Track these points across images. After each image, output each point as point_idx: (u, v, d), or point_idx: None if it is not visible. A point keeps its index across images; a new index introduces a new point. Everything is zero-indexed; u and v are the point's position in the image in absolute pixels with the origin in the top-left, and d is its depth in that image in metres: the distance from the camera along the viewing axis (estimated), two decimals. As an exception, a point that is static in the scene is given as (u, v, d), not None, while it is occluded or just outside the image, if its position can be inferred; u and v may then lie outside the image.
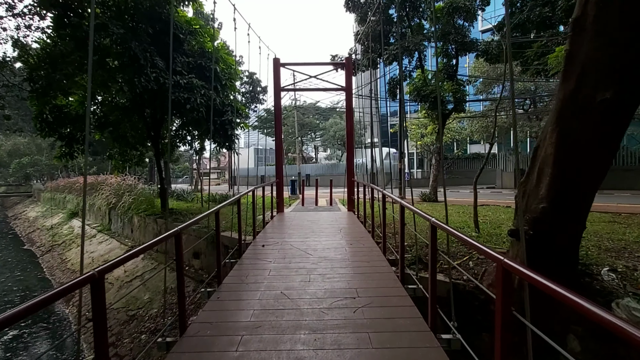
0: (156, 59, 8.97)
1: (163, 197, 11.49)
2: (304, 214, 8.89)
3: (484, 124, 20.44)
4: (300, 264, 4.48)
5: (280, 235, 6.32)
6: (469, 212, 9.19)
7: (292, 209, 10.58)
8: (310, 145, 53.08)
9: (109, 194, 14.91)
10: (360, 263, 4.50)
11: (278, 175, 9.34)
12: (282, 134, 9.63)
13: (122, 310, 8.29)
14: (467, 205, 11.15)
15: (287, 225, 7.43)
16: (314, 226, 7.06)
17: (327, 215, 8.56)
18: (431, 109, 13.18)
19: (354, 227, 7.00)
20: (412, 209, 3.72)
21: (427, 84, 13.12)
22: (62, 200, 24.75)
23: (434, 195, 12.92)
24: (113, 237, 14.10)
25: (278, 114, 9.42)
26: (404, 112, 11.54)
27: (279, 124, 9.44)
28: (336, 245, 5.49)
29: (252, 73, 25.83)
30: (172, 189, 18.09)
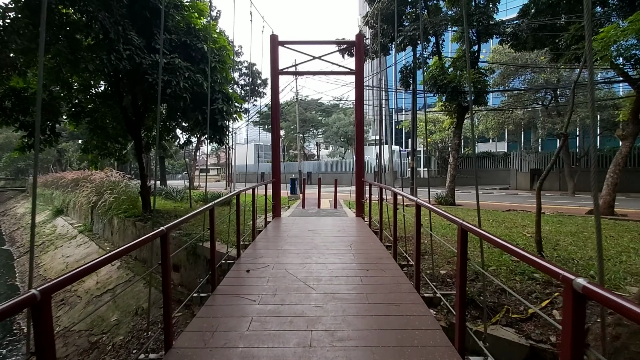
0: (131, 33, 7.53)
1: (144, 197, 10.08)
2: (304, 221, 7.47)
3: (500, 119, 18.92)
4: (297, 308, 3.05)
5: (273, 252, 4.90)
6: (502, 220, 7.74)
7: (290, 213, 9.16)
8: (312, 142, 51.64)
9: (90, 192, 13.51)
10: (385, 307, 3.07)
11: (275, 173, 7.93)
12: (279, 125, 8.20)
13: (85, 334, 6.91)
14: (492, 210, 9.71)
15: (284, 236, 6.00)
16: (317, 239, 5.63)
17: (332, 223, 7.13)
18: (449, 101, 11.71)
19: (367, 241, 5.56)
20: (475, 231, 2.28)
21: (445, 73, 11.65)
22: (50, 196, 23.44)
23: (451, 197, 11.46)
24: (94, 240, 12.72)
25: (275, 101, 7.99)
26: (420, 104, 10.10)
27: (276, 113, 8.01)
28: (347, 271, 4.06)
29: (251, 64, 24.36)
30: (163, 187, 16.69)
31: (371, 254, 4.77)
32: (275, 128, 8.02)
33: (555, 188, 20.81)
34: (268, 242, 5.64)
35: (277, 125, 8.06)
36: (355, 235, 5.99)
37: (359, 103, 7.75)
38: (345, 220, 7.50)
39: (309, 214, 9.02)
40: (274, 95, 7.99)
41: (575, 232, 6.25)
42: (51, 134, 9.08)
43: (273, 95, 8.03)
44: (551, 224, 7.05)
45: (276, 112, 8.02)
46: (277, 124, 8.05)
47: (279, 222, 7.37)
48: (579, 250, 4.67)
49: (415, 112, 12.90)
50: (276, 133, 7.99)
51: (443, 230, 6.50)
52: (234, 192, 5.36)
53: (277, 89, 7.98)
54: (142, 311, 6.89)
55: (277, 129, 8.03)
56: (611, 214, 8.77)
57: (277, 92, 7.98)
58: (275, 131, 7.98)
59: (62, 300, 8.87)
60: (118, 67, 7.22)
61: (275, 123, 8.01)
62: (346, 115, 37.47)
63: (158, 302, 7.13)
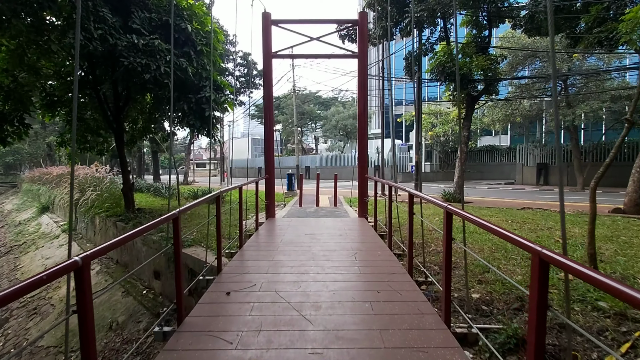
0: (103, 10, 6.60)
1: (127, 195, 9.22)
2: (301, 222, 6.64)
3: (507, 111, 18.05)
4: (287, 355, 2.24)
5: (262, 265, 4.09)
6: (522, 220, 6.94)
7: (286, 212, 8.34)
8: (311, 135, 50.69)
9: (74, 188, 12.60)
10: (408, 354, 2.25)
11: (268, 169, 7.09)
12: (273, 116, 7.34)
13: (52, 352, 6.10)
14: (506, 209, 8.92)
15: (276, 243, 5.17)
16: (315, 246, 4.82)
17: (333, 225, 6.31)
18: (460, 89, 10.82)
19: (373, 249, 4.74)
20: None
21: (453, 59, 10.75)
22: (37, 192, 22.52)
23: (459, 193, 10.66)
24: (76, 240, 11.88)
25: (268, 88, 7.11)
26: (424, 94, 9.24)
27: (269, 101, 7.14)
28: (353, 293, 3.23)
29: (246, 54, 23.32)
30: (152, 183, 15.82)
31: (381, 268, 3.96)
32: (268, 118, 7.16)
33: (562, 183, 20.04)
34: (258, 250, 4.82)
35: (270, 116, 7.20)
36: (359, 242, 5.18)
37: (362, 90, 6.89)
38: (346, 222, 6.68)
39: (306, 213, 8.20)
40: (267, 81, 7.12)
41: (610, 236, 5.46)
42: (20, 125, 8.18)
43: (266, 81, 7.15)
44: (579, 225, 6.26)
45: (269, 100, 7.15)
46: (270, 114, 7.19)
47: (273, 224, 6.55)
48: (634, 264, 3.87)
49: (421, 102, 12.04)
50: (269, 124, 7.14)
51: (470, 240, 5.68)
52: (215, 192, 4.52)
53: (270, 74, 7.11)
54: (116, 326, 6.09)
55: (271, 119, 7.18)
56: (638, 212, 8.00)
57: (270, 77, 7.11)
58: (269, 122, 7.13)
59: (35, 309, 8.07)
60: (88, 49, 6.31)
61: (268, 113, 7.15)
62: (345, 108, 36.51)
63: (135, 315, 6.33)
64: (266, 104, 7.16)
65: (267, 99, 7.16)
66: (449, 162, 27.89)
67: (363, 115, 6.91)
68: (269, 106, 7.18)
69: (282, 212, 8.25)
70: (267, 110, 7.15)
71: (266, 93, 7.16)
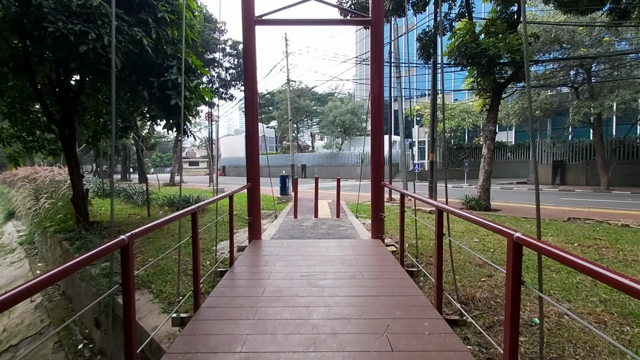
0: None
1: (78, 205, 7.37)
2: (295, 249, 4.83)
3: (524, 104, 16.35)
4: None
5: (230, 344, 2.30)
6: (594, 243, 5.20)
7: (277, 229, 6.54)
8: (307, 132, 48.83)
9: (28, 194, 10.73)
10: None
11: (251, 174, 5.28)
12: (257, 104, 5.51)
13: None
14: (551, 221, 7.21)
15: (257, 292, 3.32)
16: (317, 300, 3.02)
17: (340, 255, 4.50)
18: (483, 76, 9.09)
19: (409, 307, 2.94)
20: None
21: (476, 39, 9.00)
22: (6, 196, 20.48)
23: (486, 199, 8.93)
24: (29, 256, 10.00)
25: (250, 66, 5.28)
26: (439, 79, 7.50)
27: (251, 85, 5.31)
28: None
29: (236, 42, 21.32)
30: (124, 187, 13.91)
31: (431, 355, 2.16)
32: (251, 108, 5.33)
33: (581, 182, 18.47)
34: (226, 311, 2.99)
35: (253, 104, 5.37)
36: (384, 290, 3.37)
37: (377, 68, 5.10)
38: (358, 247, 4.89)
39: (302, 230, 6.41)
40: (249, 57, 5.30)
41: None
42: None
43: (247, 56, 5.32)
44: None
45: (252, 82, 5.33)
46: (254, 102, 5.37)
47: (257, 251, 4.75)
48: None
49: (436, 90, 10.30)
50: (252, 115, 5.32)
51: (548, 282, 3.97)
52: (191, 207, 2.79)
53: (252, 47, 5.29)
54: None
55: (254, 108, 5.35)
56: None
57: (252, 51, 5.30)
58: (252, 112, 5.31)
59: None
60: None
61: (250, 100, 5.32)
62: (343, 103, 34.66)
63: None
64: (248, 88, 5.34)
65: (249, 80, 5.34)
66: (453, 159, 26.21)
67: (378, 102, 5.13)
68: (252, 91, 5.36)
69: (272, 229, 6.45)
70: (250, 96, 5.33)
71: (248, 72, 5.34)
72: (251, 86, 5.35)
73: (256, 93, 5.42)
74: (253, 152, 5.37)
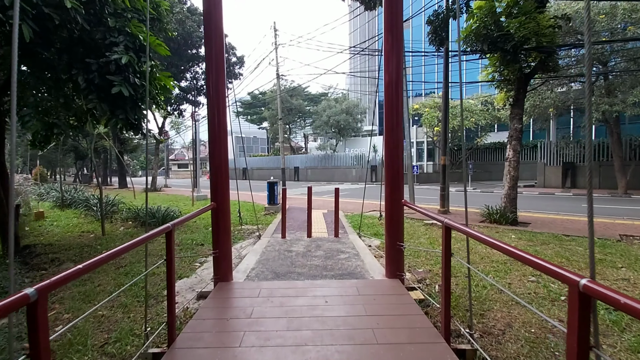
0: None
1: (2, 225, 5.70)
2: (279, 297, 3.29)
3: (536, 101, 15.04)
4: None
5: None
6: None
7: (257, 259, 4.97)
8: (300, 133, 47.29)
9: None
10: None
11: (217, 189, 3.69)
12: (225, 94, 3.94)
13: None
14: (602, 240, 5.76)
15: None
16: None
17: (344, 312, 2.97)
18: (507, 65, 7.66)
19: None
20: None
21: (498, 20, 7.58)
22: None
23: (512, 211, 7.48)
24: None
25: (216, 40, 3.73)
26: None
27: (217, 65, 3.76)
28: None
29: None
30: (80, 195, 12.16)
31: None
32: (216, 100, 3.76)
33: (593, 185, 17.20)
34: None
35: (220, 95, 3.81)
36: None
37: (394, 41, 3.59)
38: (371, 299, 3.32)
39: (291, 259, 4.86)
40: (211, 25, 3.74)
41: None
42: None
43: (209, 26, 3.77)
44: None
45: (218, 61, 3.78)
46: (220, 90, 3.81)
47: (221, 307, 3.18)
48: None
49: (449, 83, 8.85)
50: (220, 108, 3.75)
51: None
52: None
53: (218, 14, 3.76)
54: None
55: (220, 100, 3.78)
56: None
57: (217, 18, 3.76)
58: (216, 97, 3.73)
59: None
60: None
61: (215, 85, 3.76)
62: (337, 103, 33.19)
63: None
64: (211, 69, 3.77)
65: (212, 59, 3.78)
66: (454, 161, 24.92)
67: (395, 87, 3.61)
68: (219, 74, 3.80)
69: (251, 258, 4.88)
70: (214, 78, 3.76)
71: (212, 34, 3.78)
72: (216, 62, 3.79)
73: (222, 70, 3.86)
74: (220, 158, 3.80)
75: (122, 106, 5.03)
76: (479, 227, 7.23)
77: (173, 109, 20.32)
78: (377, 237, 6.37)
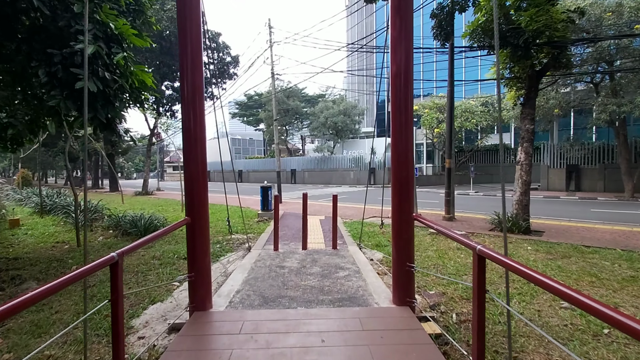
0: None
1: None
2: (266, 333, 2.70)
3: (541, 102, 14.56)
4: None
5: None
6: None
7: (244, 278, 4.36)
8: (297, 134, 46.74)
9: None
10: None
11: (193, 201, 3.10)
12: (202, 72, 3.32)
13: None
14: (627, 252, 5.22)
15: None
16: None
17: (345, 356, 2.39)
18: (518, 61, 7.13)
19: None
20: None
21: (507, 12, 7.07)
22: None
23: (525, 218, 6.93)
24: None
25: (190, 13, 3.15)
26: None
27: (194, 49, 3.19)
28: None
29: (216, 34, 19.13)
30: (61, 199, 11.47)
31: None
32: (189, 79, 3.18)
33: (598, 189, 16.76)
34: None
35: (195, 70, 3.23)
36: None
37: (401, 22, 3.03)
38: (377, 336, 2.73)
39: (283, 277, 4.27)
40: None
41: None
42: None
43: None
44: None
45: (195, 44, 3.20)
46: (197, 82, 3.23)
47: (193, 350, 2.58)
48: None
49: (453, 81, 8.30)
50: (192, 91, 3.15)
51: None
52: None
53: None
54: None
55: (197, 79, 3.19)
56: None
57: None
58: (191, 90, 3.14)
59: None
60: None
61: (190, 59, 3.17)
62: (335, 104, 32.65)
63: None
64: (185, 58, 3.19)
65: (188, 46, 3.20)
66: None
67: (404, 76, 3.03)
68: (195, 64, 3.22)
69: (236, 277, 4.27)
70: (189, 63, 3.18)
71: (185, 31, 3.20)
72: (192, 54, 3.21)
73: (199, 60, 3.28)
74: (197, 166, 3.20)
75: (91, 103, 4.42)
76: (489, 236, 6.67)
77: (165, 110, 19.65)
78: (379, 249, 5.79)
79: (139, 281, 4.42)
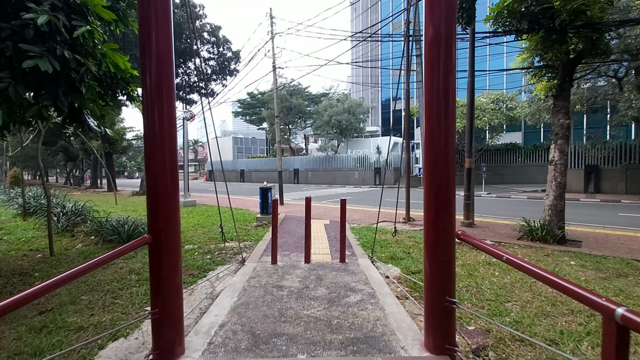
0: None
1: None
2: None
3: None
4: None
5: None
6: None
7: (233, 303, 3.57)
8: (300, 133, 45.96)
9: None
10: None
11: (158, 214, 2.34)
12: (172, 79, 2.52)
13: None
14: None
15: None
16: None
17: None
18: (550, 47, 6.26)
19: None
20: None
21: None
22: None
23: (560, 225, 6.05)
24: None
25: None
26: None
27: (155, 21, 2.41)
28: None
29: (216, 27, 18.36)
30: (46, 203, 10.74)
31: None
32: (154, 68, 2.40)
33: (619, 190, 15.78)
34: None
35: (165, 59, 2.45)
36: None
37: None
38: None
39: (281, 303, 3.48)
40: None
41: None
42: None
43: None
44: None
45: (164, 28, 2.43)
46: (169, 49, 2.46)
47: None
48: None
49: (474, 71, 7.44)
50: (165, 99, 2.39)
51: None
52: None
53: None
54: None
55: (167, 66, 2.43)
56: None
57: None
58: (156, 78, 2.38)
59: None
60: None
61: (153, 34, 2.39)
62: (339, 102, 31.80)
63: None
64: (147, 32, 2.40)
65: (151, 16, 2.41)
66: (461, 162, 23.50)
67: (444, 47, 2.23)
68: (165, 49, 2.43)
69: (222, 302, 3.48)
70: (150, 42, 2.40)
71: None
72: (157, 24, 2.41)
73: (170, 50, 2.47)
74: (165, 169, 2.40)
75: (50, 89, 3.64)
76: (519, 247, 5.81)
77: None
78: (394, 262, 4.96)
79: (106, 305, 3.63)
